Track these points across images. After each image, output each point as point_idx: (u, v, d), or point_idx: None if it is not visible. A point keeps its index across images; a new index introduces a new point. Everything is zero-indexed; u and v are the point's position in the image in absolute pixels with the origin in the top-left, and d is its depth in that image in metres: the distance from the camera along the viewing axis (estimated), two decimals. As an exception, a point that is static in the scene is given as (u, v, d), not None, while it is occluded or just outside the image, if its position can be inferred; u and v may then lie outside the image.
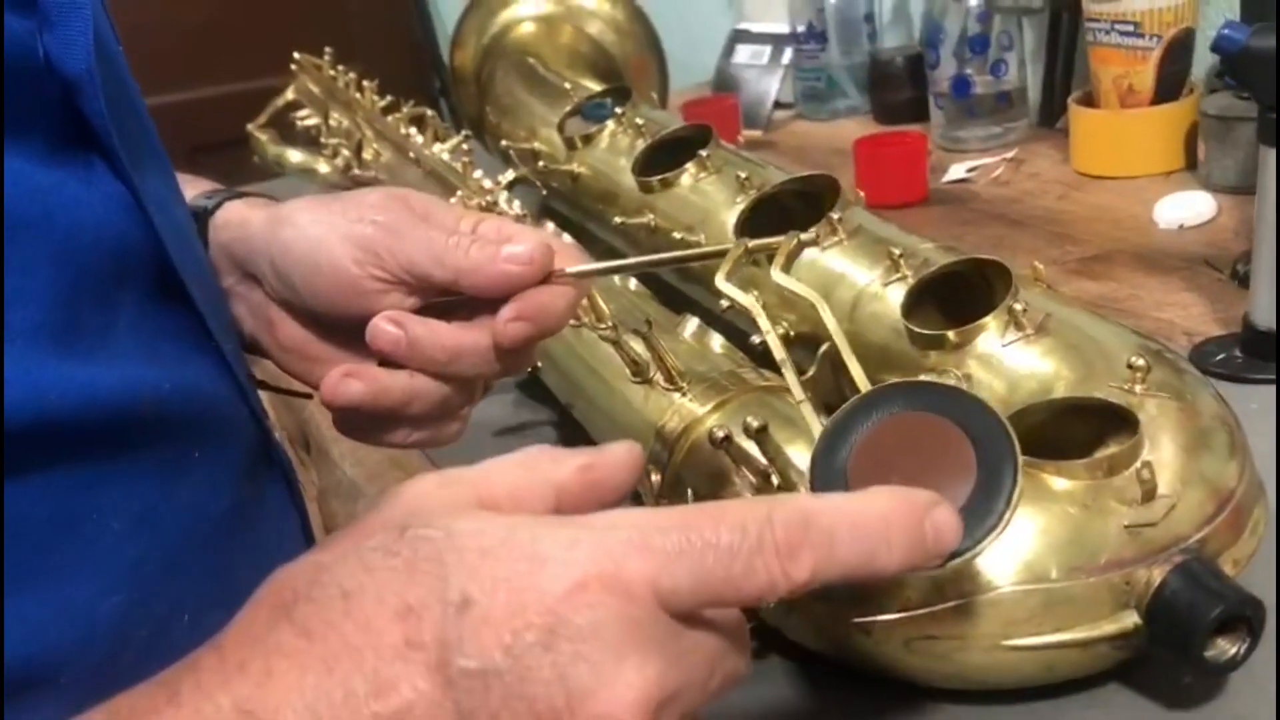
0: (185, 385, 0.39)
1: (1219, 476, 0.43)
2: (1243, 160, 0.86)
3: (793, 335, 0.59)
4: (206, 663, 0.27)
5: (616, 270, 0.53)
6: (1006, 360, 0.49)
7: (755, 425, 0.42)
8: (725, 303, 0.62)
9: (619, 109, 0.86)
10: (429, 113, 1.01)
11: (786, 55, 1.31)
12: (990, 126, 1.09)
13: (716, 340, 0.59)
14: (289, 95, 1.24)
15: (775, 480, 0.45)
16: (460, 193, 0.81)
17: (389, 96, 1.08)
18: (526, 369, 0.57)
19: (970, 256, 0.54)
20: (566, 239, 0.68)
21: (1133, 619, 0.40)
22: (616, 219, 0.78)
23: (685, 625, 0.29)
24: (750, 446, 0.44)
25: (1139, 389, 0.45)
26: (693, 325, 0.60)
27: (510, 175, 0.91)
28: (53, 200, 0.34)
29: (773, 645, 0.47)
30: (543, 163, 0.91)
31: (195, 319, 0.41)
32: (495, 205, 0.77)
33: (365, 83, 1.10)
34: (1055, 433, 0.45)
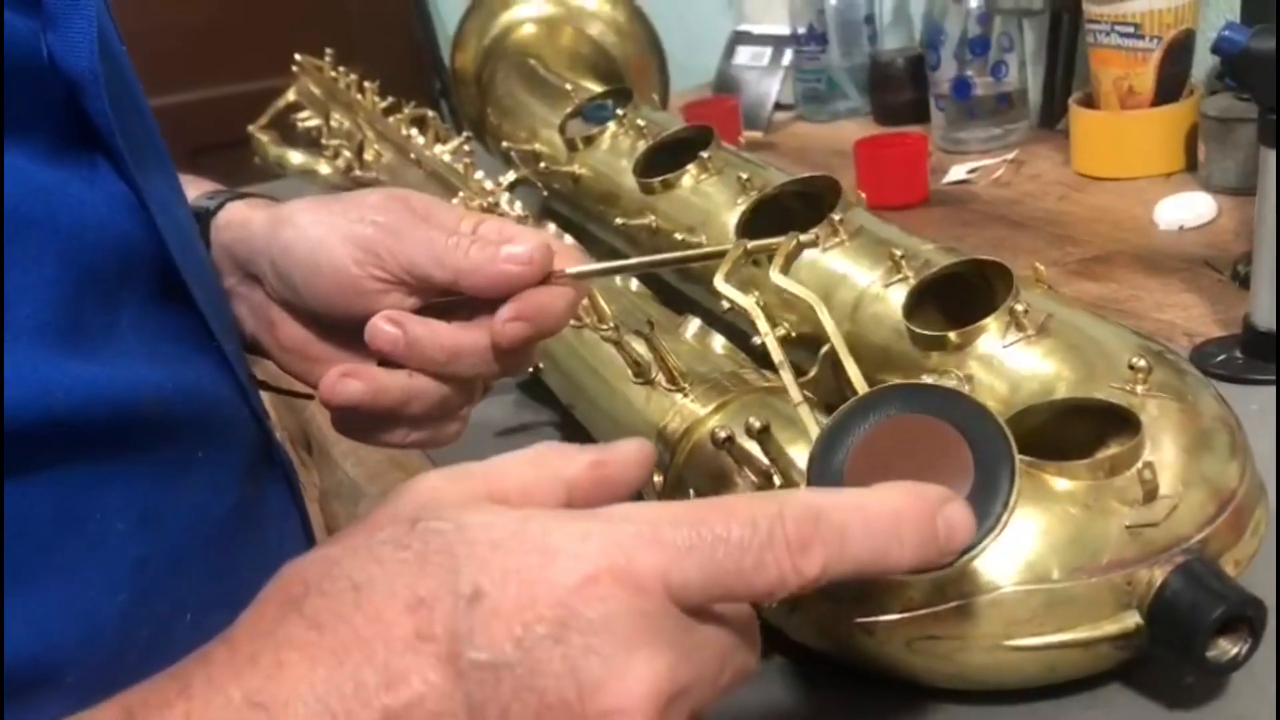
0: (187, 385, 0.39)
1: (1220, 477, 0.43)
2: (1243, 161, 0.86)
3: (794, 336, 0.59)
4: (217, 655, 0.27)
5: (616, 271, 0.53)
6: (1008, 361, 0.49)
7: (757, 426, 0.42)
8: (726, 304, 0.62)
9: (620, 110, 0.86)
10: (430, 114, 1.01)
11: (787, 57, 1.31)
12: (991, 128, 1.09)
13: (718, 341, 0.59)
14: (290, 96, 1.24)
15: (777, 481, 0.45)
16: (461, 194, 0.81)
17: (390, 98, 1.08)
18: (527, 370, 0.57)
19: (971, 257, 0.54)
20: (567, 240, 0.68)
21: (1134, 619, 0.40)
22: (618, 220, 0.78)
23: (696, 619, 0.29)
24: (752, 447, 0.44)
25: (1140, 390, 0.45)
26: (694, 326, 0.60)
27: (511, 176, 0.91)
28: (56, 199, 0.34)
29: (775, 645, 0.47)
30: (544, 164, 0.91)
31: (197, 319, 0.41)
32: (496, 206, 0.77)
33: (366, 84, 1.10)
34: (1056, 433, 0.45)
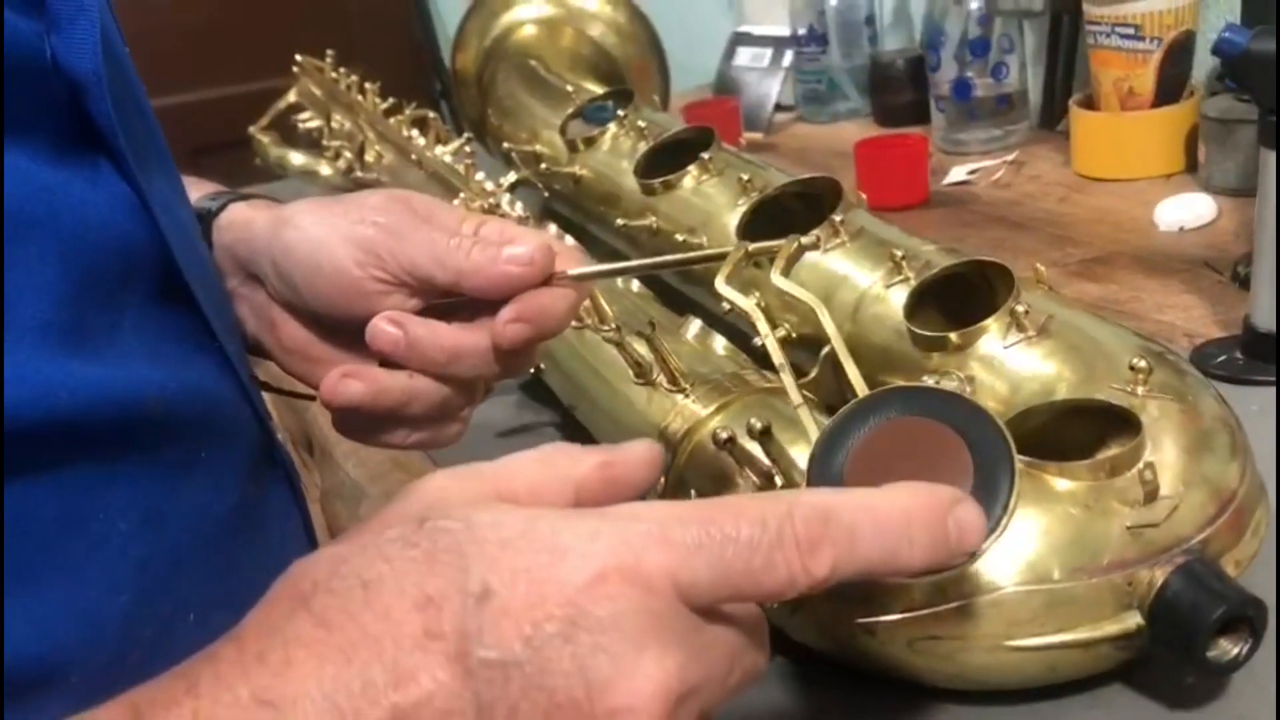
0: (189, 386, 0.39)
1: (1221, 478, 0.43)
2: (1243, 163, 0.86)
3: (794, 337, 0.59)
4: (225, 653, 0.27)
5: (617, 273, 0.53)
6: (1008, 362, 0.49)
7: (759, 426, 0.42)
8: (726, 305, 0.62)
9: (621, 111, 0.86)
10: (431, 115, 1.01)
11: (787, 58, 1.31)
12: (991, 129, 1.09)
13: (719, 342, 0.59)
14: (291, 97, 1.24)
15: (779, 482, 0.45)
16: (462, 195, 0.81)
17: (391, 99, 1.08)
18: (527, 371, 0.57)
19: (972, 258, 0.54)
20: (569, 241, 0.68)
21: (1135, 619, 0.40)
22: (618, 221, 0.78)
23: (705, 619, 0.28)
24: (754, 448, 0.44)
25: (1141, 391, 0.45)
26: (695, 327, 0.60)
27: (512, 177, 0.91)
28: (59, 200, 0.34)
29: (776, 645, 0.46)
30: (545, 165, 0.91)
31: (199, 320, 0.41)
32: (497, 207, 0.77)
33: (367, 85, 1.10)
34: (1057, 434, 0.45)
